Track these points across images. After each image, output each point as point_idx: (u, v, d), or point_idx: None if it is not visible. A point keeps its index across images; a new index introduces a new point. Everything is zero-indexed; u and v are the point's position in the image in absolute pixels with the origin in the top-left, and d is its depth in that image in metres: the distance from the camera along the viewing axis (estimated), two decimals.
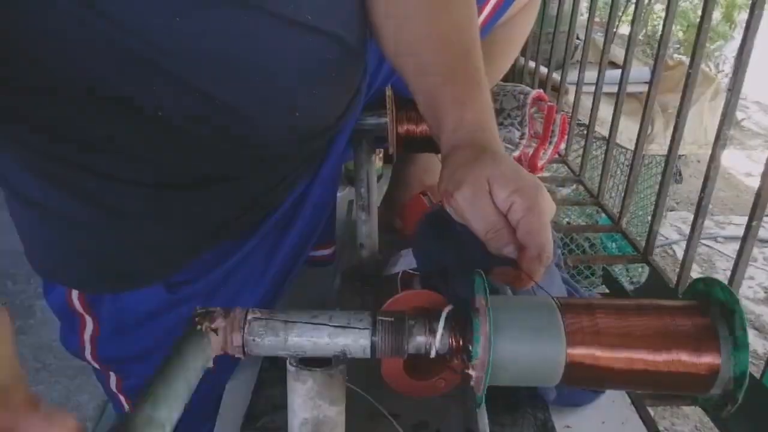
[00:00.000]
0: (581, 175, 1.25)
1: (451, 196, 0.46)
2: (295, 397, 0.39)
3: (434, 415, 0.61)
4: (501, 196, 0.45)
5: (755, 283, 2.41)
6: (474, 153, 0.49)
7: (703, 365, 0.35)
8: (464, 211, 0.46)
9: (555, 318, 0.36)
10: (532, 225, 0.44)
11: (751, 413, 0.64)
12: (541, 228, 0.44)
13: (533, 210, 0.44)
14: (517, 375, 0.36)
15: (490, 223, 0.45)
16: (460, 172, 0.47)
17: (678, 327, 0.36)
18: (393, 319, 0.38)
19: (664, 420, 1.74)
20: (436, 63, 0.56)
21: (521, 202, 0.44)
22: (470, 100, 0.54)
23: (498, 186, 0.45)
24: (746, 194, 3.13)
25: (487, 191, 0.45)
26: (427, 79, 0.56)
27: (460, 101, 0.54)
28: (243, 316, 0.38)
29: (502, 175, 0.45)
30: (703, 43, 0.82)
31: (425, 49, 0.57)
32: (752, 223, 0.71)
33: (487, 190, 0.45)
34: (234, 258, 0.69)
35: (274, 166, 0.65)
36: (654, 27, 3.44)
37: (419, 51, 0.57)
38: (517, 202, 0.44)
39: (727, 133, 0.76)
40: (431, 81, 0.56)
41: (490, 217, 0.45)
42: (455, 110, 0.53)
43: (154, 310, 0.68)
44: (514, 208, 0.44)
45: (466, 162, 0.48)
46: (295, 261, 0.75)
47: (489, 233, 0.45)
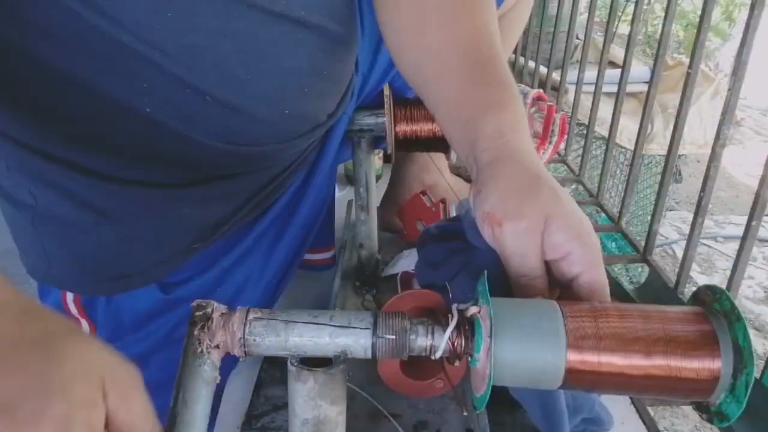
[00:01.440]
0: (581, 175, 1.24)
1: (500, 225, 0.42)
2: (296, 397, 0.39)
3: (434, 416, 0.61)
4: (558, 240, 0.41)
5: (755, 282, 2.41)
6: (530, 179, 0.43)
7: (703, 372, 0.35)
8: (507, 247, 0.42)
9: (557, 322, 0.36)
10: (597, 283, 0.40)
11: (751, 413, 0.64)
12: (605, 286, 0.41)
13: (597, 265, 0.41)
14: (517, 377, 0.36)
15: (529, 269, 0.41)
16: (514, 199, 0.42)
17: (679, 333, 0.36)
18: (394, 319, 0.38)
19: (663, 420, 1.74)
20: (464, 65, 0.53)
21: (582, 254, 0.40)
22: (508, 103, 0.50)
23: (558, 229, 0.41)
24: (746, 194, 3.13)
25: (540, 233, 0.41)
26: (454, 81, 0.53)
27: (496, 104, 0.50)
28: (244, 316, 0.38)
29: (564, 217, 0.41)
30: (703, 43, 0.82)
31: (450, 53, 0.54)
32: (752, 223, 0.71)
33: (540, 231, 0.41)
34: (230, 257, 0.69)
35: (266, 163, 0.65)
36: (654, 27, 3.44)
37: (443, 54, 0.54)
38: (577, 253, 0.40)
39: (726, 133, 0.76)
40: (459, 83, 0.52)
41: (533, 263, 0.41)
42: (493, 113, 0.49)
43: (150, 312, 0.67)
44: (573, 260, 0.41)
45: (523, 188, 0.43)
46: (293, 260, 0.74)
47: (524, 278, 0.41)
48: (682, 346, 0.35)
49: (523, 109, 0.51)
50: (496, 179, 0.44)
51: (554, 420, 0.52)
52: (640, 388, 0.37)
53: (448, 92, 0.53)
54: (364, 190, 0.78)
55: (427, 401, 0.63)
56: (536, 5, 1.70)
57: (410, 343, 0.38)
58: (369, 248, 0.81)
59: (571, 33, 1.33)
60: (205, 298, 0.68)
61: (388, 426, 0.60)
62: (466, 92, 0.52)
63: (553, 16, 1.51)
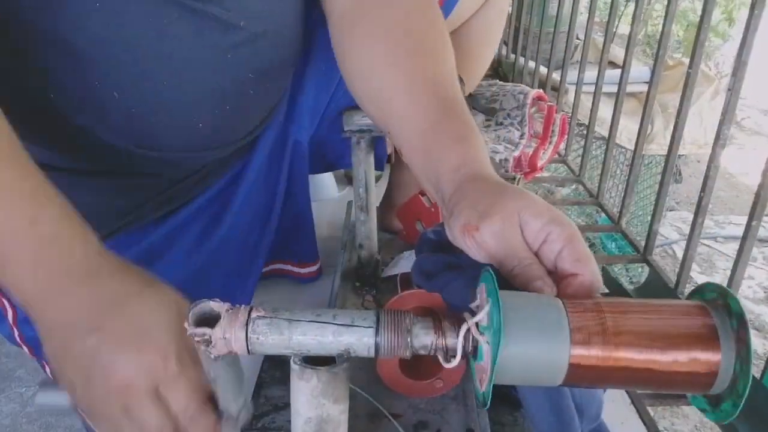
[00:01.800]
0: (581, 175, 1.25)
1: (476, 229, 0.43)
2: (298, 396, 0.39)
3: (435, 416, 0.61)
4: (535, 227, 0.42)
5: (755, 282, 2.41)
6: (494, 186, 0.46)
7: (703, 365, 0.35)
8: (490, 247, 0.42)
9: (560, 317, 0.36)
10: (580, 253, 0.41)
11: (751, 413, 0.64)
12: (589, 254, 0.42)
13: (575, 237, 0.42)
14: (520, 374, 0.36)
15: (518, 258, 0.42)
16: (484, 204, 0.43)
17: (680, 326, 0.36)
18: (398, 317, 0.38)
19: (663, 420, 1.74)
20: (429, 104, 0.54)
21: (560, 232, 0.42)
22: (471, 137, 0.52)
23: (531, 216, 0.42)
24: (746, 194, 3.13)
25: (517, 224, 0.42)
26: (422, 117, 0.54)
27: (461, 138, 0.51)
28: (247, 315, 0.38)
29: (533, 205, 0.43)
30: (703, 43, 0.82)
31: (418, 89, 0.55)
32: (752, 223, 0.71)
33: (517, 223, 0.42)
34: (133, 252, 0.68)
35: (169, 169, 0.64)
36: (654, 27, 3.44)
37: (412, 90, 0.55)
38: (555, 231, 0.42)
39: (726, 133, 0.76)
40: (426, 119, 0.53)
41: (521, 252, 0.42)
42: (458, 146, 0.50)
43: None
44: (552, 238, 0.42)
45: (489, 194, 0.45)
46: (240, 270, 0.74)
47: (517, 268, 0.42)
48: (683, 339, 0.36)
49: (484, 142, 0.52)
50: (463, 197, 0.46)
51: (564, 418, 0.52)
52: (643, 381, 0.37)
53: (416, 126, 0.54)
54: (363, 191, 0.78)
55: (428, 401, 0.63)
56: (536, 5, 1.70)
57: (414, 341, 0.38)
58: (369, 249, 0.81)
59: (571, 33, 1.33)
60: None
61: (389, 426, 0.60)
62: (432, 127, 0.53)
63: (553, 17, 1.51)
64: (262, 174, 0.74)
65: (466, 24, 0.85)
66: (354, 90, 0.62)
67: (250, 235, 0.76)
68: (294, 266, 0.89)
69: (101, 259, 0.44)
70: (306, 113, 0.76)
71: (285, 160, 0.76)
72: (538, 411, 0.52)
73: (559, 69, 1.40)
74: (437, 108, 0.54)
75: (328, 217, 1.12)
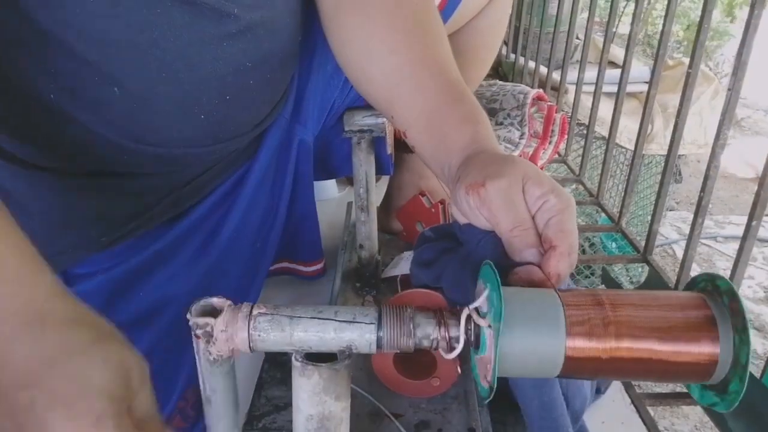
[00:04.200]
0: (581, 175, 1.25)
1: (483, 185, 0.44)
2: (300, 393, 0.39)
3: (436, 415, 0.61)
4: (535, 194, 0.44)
5: (755, 282, 2.41)
6: (503, 156, 0.48)
7: (702, 355, 0.36)
8: (493, 204, 0.44)
9: (557, 308, 0.36)
10: (566, 224, 0.43)
11: (751, 413, 0.64)
12: (573, 229, 0.43)
13: (567, 210, 0.43)
14: (520, 365, 0.36)
15: (519, 220, 0.43)
16: (493, 167, 0.45)
17: (678, 317, 0.36)
18: (399, 313, 0.38)
19: (663, 420, 1.74)
20: (435, 86, 0.56)
21: (556, 202, 0.43)
22: (480, 118, 0.53)
23: (533, 184, 0.44)
24: (746, 194, 3.13)
25: (521, 188, 0.44)
26: (429, 99, 0.55)
27: (471, 118, 0.53)
28: (248, 312, 0.38)
29: (537, 175, 0.44)
30: (703, 43, 0.82)
31: (423, 72, 0.56)
32: (752, 223, 0.71)
33: (521, 186, 0.44)
34: (142, 256, 0.67)
35: (177, 167, 0.64)
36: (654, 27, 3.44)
37: (417, 73, 0.56)
38: (551, 200, 0.43)
39: (726, 133, 0.76)
40: (434, 100, 0.55)
41: (521, 214, 0.44)
42: (468, 126, 0.52)
43: None
44: (547, 207, 0.44)
45: (498, 160, 0.47)
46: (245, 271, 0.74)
47: (516, 229, 0.43)
48: (681, 329, 0.36)
49: (489, 121, 0.54)
50: (471, 165, 0.48)
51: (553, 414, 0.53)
52: (642, 372, 0.37)
53: (424, 108, 0.55)
54: (364, 191, 0.78)
55: (429, 401, 0.63)
56: (536, 5, 1.70)
57: (416, 333, 0.38)
58: (369, 249, 0.81)
59: (571, 33, 1.33)
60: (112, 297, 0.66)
61: (390, 426, 0.60)
62: (440, 109, 0.54)
63: (553, 16, 1.51)
64: (269, 174, 0.74)
65: (468, 25, 0.85)
66: (354, 77, 0.62)
67: (257, 235, 0.76)
68: (298, 265, 0.89)
69: (49, 305, 0.39)
70: (312, 113, 0.76)
71: (291, 159, 0.76)
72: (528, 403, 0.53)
73: (559, 69, 1.40)
74: (443, 89, 0.55)
75: (328, 217, 1.12)
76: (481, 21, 0.86)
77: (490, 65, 0.98)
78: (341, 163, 0.88)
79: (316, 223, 0.85)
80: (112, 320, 0.54)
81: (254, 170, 0.72)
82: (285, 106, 0.72)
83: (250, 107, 0.63)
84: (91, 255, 0.65)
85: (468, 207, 0.46)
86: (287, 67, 0.66)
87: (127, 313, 0.67)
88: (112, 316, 0.64)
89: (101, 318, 0.41)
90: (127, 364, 0.38)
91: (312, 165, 0.80)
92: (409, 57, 0.57)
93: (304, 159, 0.78)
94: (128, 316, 0.67)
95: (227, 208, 0.72)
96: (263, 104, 0.66)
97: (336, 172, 0.92)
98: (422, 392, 0.62)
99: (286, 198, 0.78)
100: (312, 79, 0.75)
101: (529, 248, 0.43)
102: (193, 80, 0.54)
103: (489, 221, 0.45)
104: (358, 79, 0.62)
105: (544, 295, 0.38)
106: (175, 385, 0.73)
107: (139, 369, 0.39)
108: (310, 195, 0.82)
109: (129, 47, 0.49)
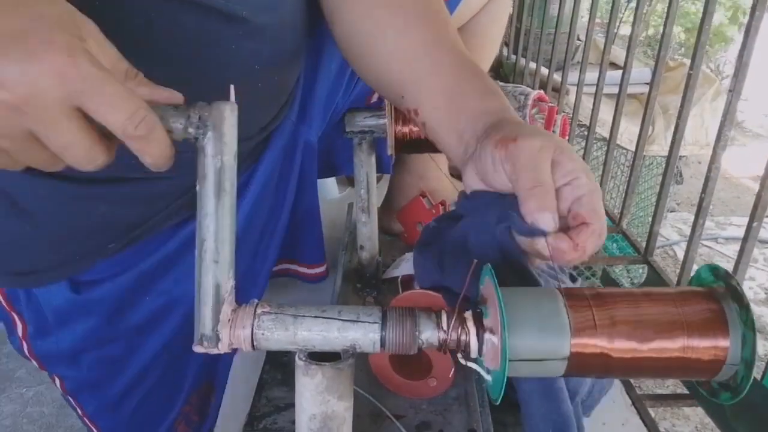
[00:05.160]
0: None
1: (514, 140, 0.43)
2: (303, 392, 0.39)
3: (437, 416, 0.61)
4: (567, 167, 0.43)
5: (755, 284, 2.40)
6: (537, 127, 0.48)
7: (711, 351, 0.35)
8: (519, 160, 0.42)
9: (560, 307, 0.36)
10: (598, 206, 0.42)
11: (751, 413, 0.64)
12: (603, 213, 0.43)
13: (597, 193, 0.43)
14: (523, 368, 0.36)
15: (541, 180, 0.42)
16: (528, 129, 0.45)
17: (686, 313, 0.36)
18: (402, 313, 0.38)
19: (664, 421, 1.74)
20: (451, 62, 0.55)
21: (587, 181, 0.42)
22: (498, 92, 0.53)
23: (567, 157, 0.43)
24: (747, 195, 3.12)
25: (551, 155, 0.43)
26: (443, 76, 0.55)
27: (496, 91, 0.53)
28: (252, 311, 0.38)
29: (569, 150, 0.44)
30: (704, 44, 0.82)
31: (439, 51, 0.56)
32: (753, 224, 0.71)
33: (551, 154, 0.43)
34: (149, 261, 0.67)
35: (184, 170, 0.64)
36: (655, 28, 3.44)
37: (433, 52, 0.56)
38: (583, 179, 0.42)
39: (727, 134, 0.76)
40: (449, 77, 0.54)
41: (545, 177, 0.42)
42: (487, 98, 0.52)
43: (62, 310, 0.66)
44: (579, 183, 0.42)
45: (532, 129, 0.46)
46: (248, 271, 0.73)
47: (536, 188, 0.41)
48: (689, 325, 0.36)
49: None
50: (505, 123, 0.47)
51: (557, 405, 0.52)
52: (649, 370, 0.37)
53: (441, 84, 0.55)
54: (365, 192, 0.78)
55: (430, 402, 0.63)
56: (537, 6, 1.70)
57: (420, 336, 0.38)
58: (370, 250, 0.81)
59: (572, 34, 1.33)
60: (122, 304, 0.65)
61: (391, 426, 0.60)
62: (459, 84, 0.54)
63: (554, 17, 1.51)
64: (274, 175, 0.74)
65: (470, 21, 0.85)
66: (362, 64, 0.62)
67: (261, 235, 0.76)
68: (301, 267, 0.89)
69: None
70: (317, 113, 0.76)
71: (296, 160, 0.76)
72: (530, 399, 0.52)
73: (560, 70, 1.40)
74: (461, 65, 0.55)
75: (328, 218, 1.12)
76: (482, 17, 0.86)
77: (491, 62, 0.98)
78: (344, 161, 0.88)
79: (318, 222, 0.84)
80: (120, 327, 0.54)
81: (260, 171, 0.72)
82: (291, 107, 0.72)
83: (258, 109, 0.63)
84: (98, 262, 0.65)
85: (491, 162, 0.45)
86: (294, 68, 0.66)
87: (134, 319, 0.67)
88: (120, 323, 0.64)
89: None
90: (75, 15, 0.36)
91: (316, 165, 0.80)
92: (423, 37, 0.57)
93: (308, 159, 0.78)
94: (135, 322, 0.67)
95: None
96: (271, 105, 0.65)
97: (339, 169, 0.92)
98: (420, 392, 0.62)
99: (290, 199, 0.78)
100: (317, 79, 0.75)
101: (544, 211, 0.41)
102: (202, 83, 0.54)
103: (509, 178, 0.44)
104: (367, 65, 0.61)
105: (547, 294, 0.38)
106: (181, 390, 0.73)
107: (92, 26, 0.37)
108: (314, 194, 0.82)
109: (136, 50, 0.49)
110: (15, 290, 0.66)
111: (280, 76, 0.62)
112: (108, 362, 0.69)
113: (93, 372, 0.69)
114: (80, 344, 0.67)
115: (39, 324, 0.67)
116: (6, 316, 0.69)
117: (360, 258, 0.82)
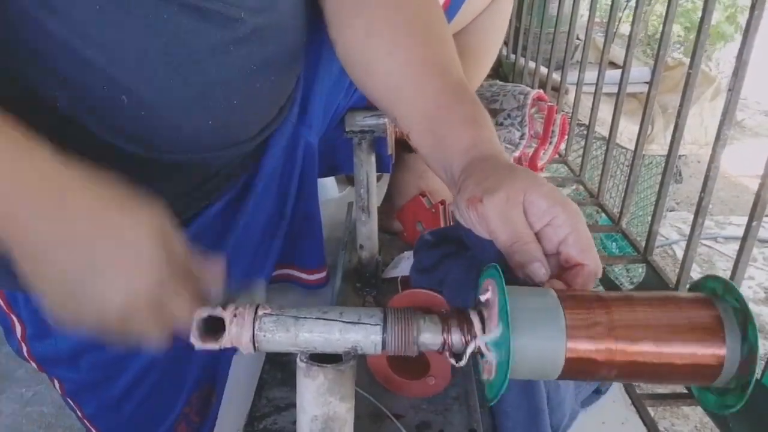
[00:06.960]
0: (581, 175, 1.25)
1: (480, 201, 0.44)
2: (304, 394, 0.39)
3: (437, 416, 0.61)
4: (542, 207, 0.42)
5: (755, 283, 2.41)
6: (504, 165, 0.46)
7: (708, 357, 0.35)
8: (491, 220, 0.43)
9: (558, 310, 0.36)
10: (584, 242, 0.42)
11: (751, 413, 0.64)
12: (592, 242, 0.42)
13: (580, 223, 0.42)
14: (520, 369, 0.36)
15: (518, 235, 0.42)
16: (492, 180, 0.44)
17: (684, 318, 0.36)
18: (404, 315, 0.38)
19: (664, 420, 1.74)
20: (438, 87, 0.55)
21: (566, 217, 0.42)
22: (482, 120, 0.53)
23: (537, 197, 0.42)
24: (746, 194, 3.13)
25: (521, 203, 0.43)
26: (432, 98, 0.55)
27: (472, 120, 0.52)
28: (253, 312, 0.38)
29: (540, 187, 0.43)
30: (703, 43, 0.82)
31: (427, 72, 0.56)
32: (752, 224, 0.71)
33: (521, 201, 0.43)
34: None
35: (181, 173, 0.63)
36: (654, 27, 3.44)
37: (420, 73, 0.56)
38: (561, 216, 0.42)
39: (727, 133, 0.76)
40: (432, 104, 0.54)
41: (520, 229, 0.42)
42: (469, 128, 0.51)
43: None
44: (558, 222, 0.42)
45: (498, 171, 0.45)
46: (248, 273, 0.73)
47: (516, 245, 0.42)
48: (687, 331, 0.36)
49: (492, 123, 0.53)
50: (472, 174, 0.47)
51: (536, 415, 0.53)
52: (646, 375, 0.37)
53: (426, 110, 0.55)
54: (364, 191, 0.78)
55: (430, 401, 0.63)
56: (537, 5, 1.70)
57: (421, 339, 0.38)
58: (369, 249, 0.81)
59: (572, 33, 1.33)
60: None
61: (391, 426, 0.60)
62: (441, 110, 0.54)
63: (553, 17, 1.51)
64: (275, 178, 0.74)
65: (471, 24, 0.85)
66: (358, 79, 0.62)
67: (262, 239, 0.75)
68: (301, 272, 0.89)
69: (67, 171, 0.41)
70: (317, 115, 0.76)
71: (297, 162, 0.76)
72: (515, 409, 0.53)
73: (560, 69, 1.40)
74: (445, 91, 0.55)
75: (328, 217, 1.12)
76: (484, 20, 0.86)
77: (491, 64, 0.98)
78: (344, 161, 0.88)
79: (319, 225, 0.84)
80: None
81: (261, 174, 0.71)
82: (291, 108, 0.72)
83: (257, 110, 0.63)
84: None
85: (469, 221, 0.46)
86: (293, 69, 0.66)
87: None
88: None
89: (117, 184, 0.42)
90: (158, 222, 0.42)
91: (317, 167, 0.80)
92: (409, 58, 0.57)
93: (309, 161, 0.78)
94: None
95: (234, 213, 0.71)
96: (270, 107, 0.65)
97: (339, 169, 0.92)
98: (419, 392, 0.62)
99: (291, 201, 0.78)
100: (318, 80, 0.75)
101: (532, 263, 0.42)
102: (201, 85, 0.54)
103: (489, 236, 0.45)
104: (362, 80, 0.62)
105: (543, 295, 0.38)
106: (181, 391, 0.73)
107: (167, 219, 0.42)
108: (315, 197, 0.82)
109: (137, 54, 0.49)
110: (14, 292, 0.66)
111: (278, 77, 0.62)
112: (107, 364, 0.69)
113: (92, 374, 0.69)
114: (79, 346, 0.67)
115: (38, 326, 0.67)
116: (4, 318, 0.69)
117: (360, 257, 0.82)
